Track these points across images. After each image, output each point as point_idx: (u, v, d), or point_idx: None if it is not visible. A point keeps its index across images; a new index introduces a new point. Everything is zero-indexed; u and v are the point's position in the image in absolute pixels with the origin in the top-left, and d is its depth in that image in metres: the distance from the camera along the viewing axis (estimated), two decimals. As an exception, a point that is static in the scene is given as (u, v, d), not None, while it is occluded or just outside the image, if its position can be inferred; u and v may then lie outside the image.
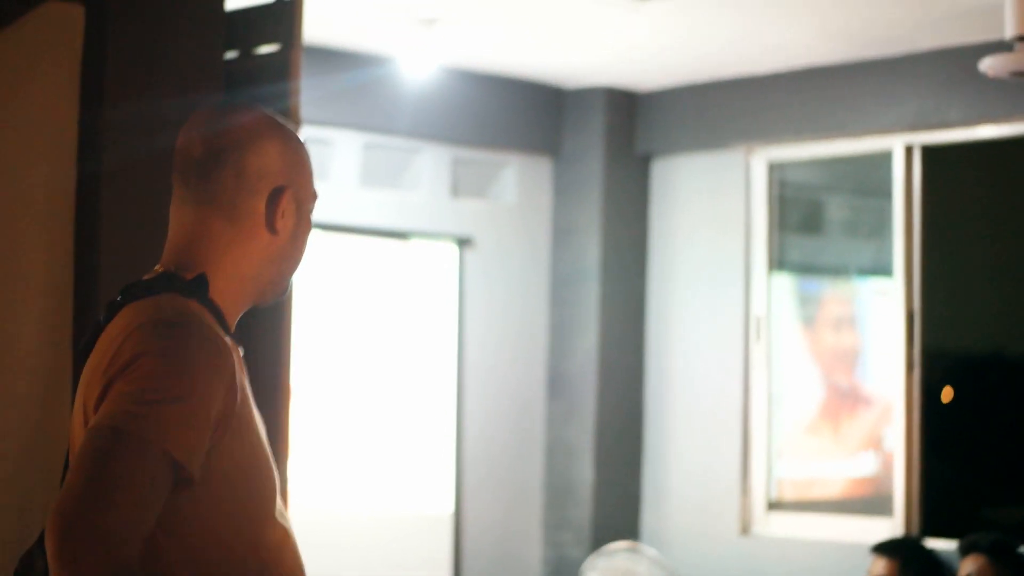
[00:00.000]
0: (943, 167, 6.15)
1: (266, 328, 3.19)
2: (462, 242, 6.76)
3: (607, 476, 6.78)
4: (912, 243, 6.11)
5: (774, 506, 6.52)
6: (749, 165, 6.65)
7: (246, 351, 2.21)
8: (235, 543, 2.07)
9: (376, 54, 6.25)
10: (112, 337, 2.07)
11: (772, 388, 6.58)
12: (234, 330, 2.20)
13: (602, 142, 6.84)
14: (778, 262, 6.65)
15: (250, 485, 2.10)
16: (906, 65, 6.05)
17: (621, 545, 6.40)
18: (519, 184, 6.97)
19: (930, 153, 6.13)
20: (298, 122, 3.59)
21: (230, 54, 3.61)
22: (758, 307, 6.60)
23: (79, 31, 3.19)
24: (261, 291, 2.23)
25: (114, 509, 1.91)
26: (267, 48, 3.64)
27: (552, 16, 5.76)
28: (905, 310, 6.09)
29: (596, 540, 6.63)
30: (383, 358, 6.60)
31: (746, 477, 6.54)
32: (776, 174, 6.64)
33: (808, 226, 6.90)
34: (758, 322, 6.59)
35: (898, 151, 6.15)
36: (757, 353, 6.58)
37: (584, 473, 6.77)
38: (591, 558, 6.36)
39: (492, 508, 6.78)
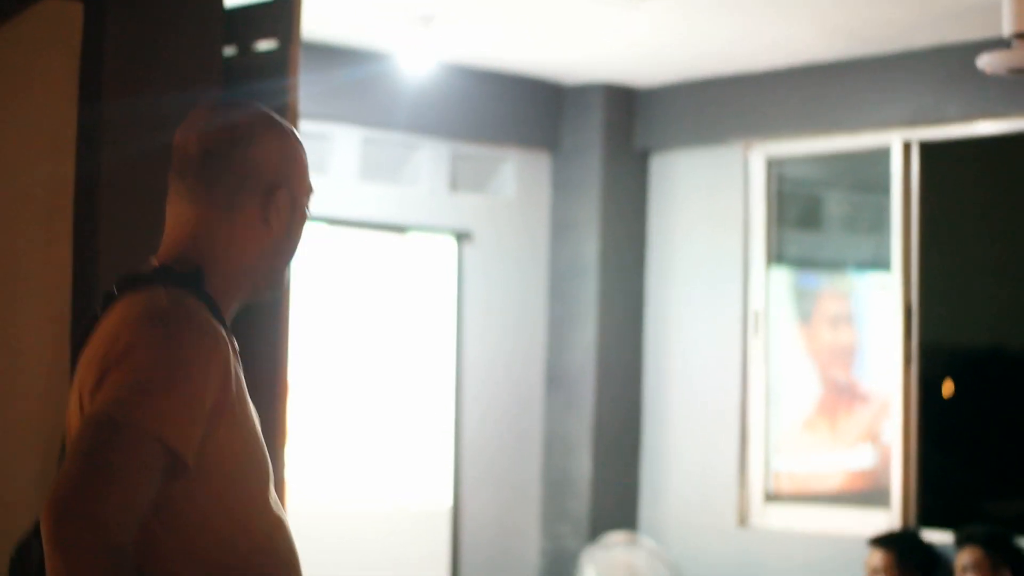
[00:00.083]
0: (941, 163, 6.17)
1: (264, 322, 3.21)
2: (461, 236, 6.78)
3: (605, 469, 6.80)
4: (910, 238, 6.12)
5: (772, 498, 6.54)
6: (748, 161, 6.66)
7: (244, 345, 2.23)
8: (229, 530, 2.10)
9: (375, 50, 6.26)
10: (108, 328, 2.10)
11: (770, 382, 6.60)
12: (231, 324, 2.23)
13: (601, 138, 6.85)
14: (776, 257, 6.67)
15: (244, 474, 2.13)
16: (904, 62, 6.06)
17: (619, 537, 6.43)
18: (518, 179, 6.98)
19: (928, 149, 6.14)
20: (296, 118, 3.61)
21: (229, 51, 3.63)
22: (756, 302, 6.62)
23: (78, 28, 3.21)
24: (256, 286, 2.25)
25: (109, 496, 1.95)
26: (266, 45, 3.65)
27: (551, 13, 5.77)
28: (903, 304, 6.11)
29: (594, 532, 6.65)
30: (382, 352, 6.61)
31: (744, 470, 6.56)
32: (774, 170, 6.66)
33: (806, 222, 6.92)
34: (756, 317, 6.61)
35: (896, 147, 6.17)
36: (755, 347, 6.60)
37: (582, 466, 6.79)
38: (589, 550, 6.38)
39: (491, 501, 6.80)
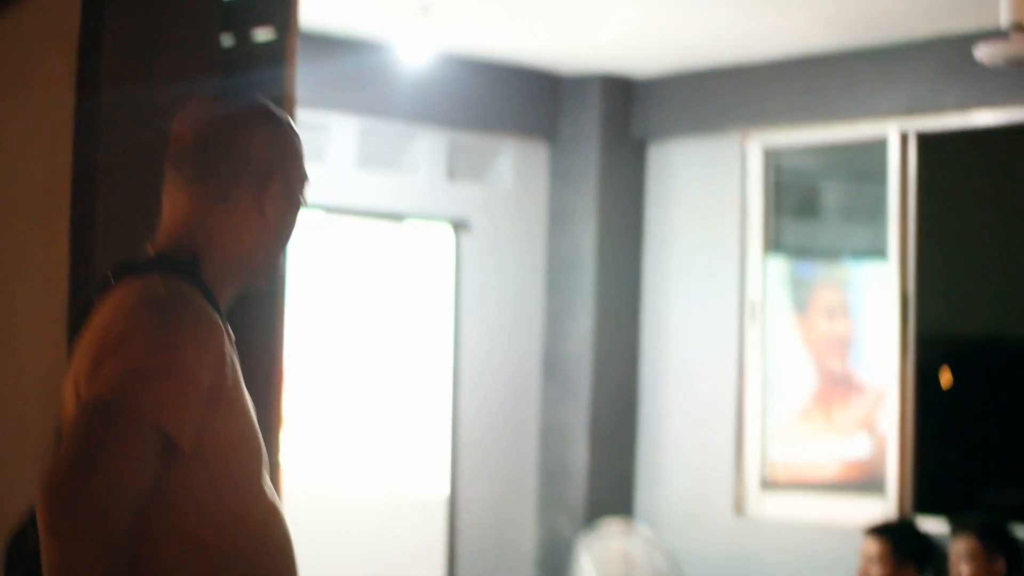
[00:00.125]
0: (938, 153, 6.17)
1: (260, 310, 3.22)
2: (458, 225, 6.79)
3: (602, 457, 6.81)
4: (907, 228, 6.13)
5: (768, 487, 6.56)
6: (745, 151, 6.67)
7: (240, 333, 2.25)
8: (223, 516, 2.12)
9: (373, 40, 6.27)
10: (105, 315, 2.11)
11: (766, 371, 6.61)
12: (226, 312, 2.25)
13: (598, 127, 6.86)
14: (773, 247, 6.68)
15: (239, 460, 2.15)
16: (902, 52, 6.07)
17: (615, 526, 6.45)
18: (515, 169, 6.99)
19: (925, 139, 6.15)
20: (294, 107, 3.62)
21: (226, 40, 3.63)
22: (753, 291, 6.63)
23: (75, 19, 3.21)
24: (251, 274, 2.28)
25: (105, 481, 1.96)
26: (264, 35, 3.66)
27: (549, 3, 5.77)
28: (900, 294, 6.12)
29: (590, 521, 6.66)
30: (379, 340, 6.63)
31: (740, 458, 6.57)
32: (772, 160, 6.66)
33: (804, 211, 6.93)
34: (753, 306, 6.62)
35: (893, 137, 6.17)
36: (752, 336, 6.61)
37: (579, 454, 6.81)
38: (585, 539, 6.40)
39: (487, 490, 6.82)
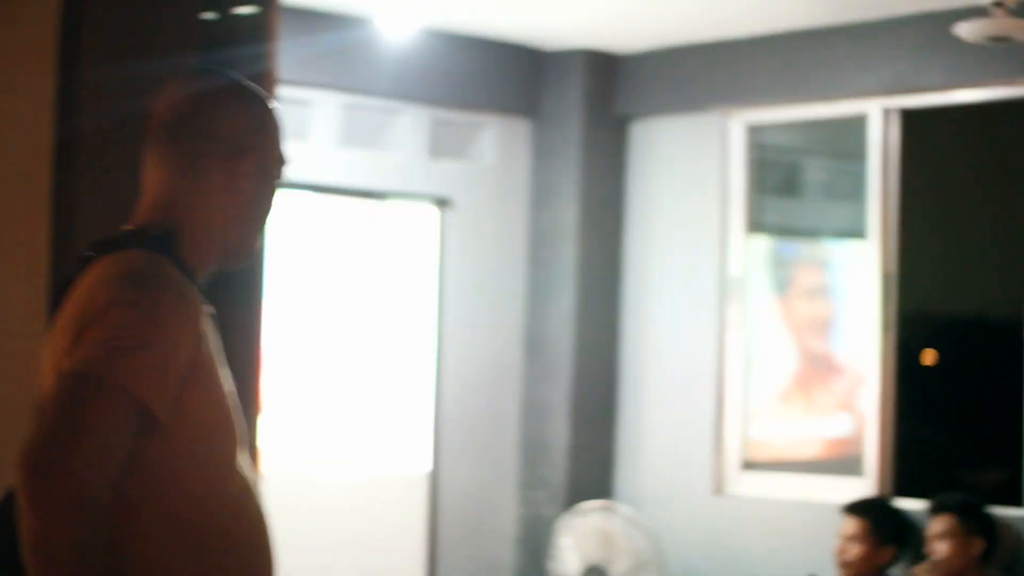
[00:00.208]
0: (920, 130, 6.18)
1: (239, 288, 3.21)
2: (441, 203, 6.78)
3: (582, 436, 6.82)
4: (888, 206, 6.14)
5: (748, 466, 6.58)
6: (727, 128, 6.66)
7: (220, 312, 2.25)
8: (200, 490, 2.13)
9: (355, 15, 6.24)
10: (84, 289, 2.13)
11: (747, 349, 6.63)
12: (205, 289, 2.25)
13: (581, 104, 6.85)
14: (755, 225, 6.68)
15: (215, 435, 2.16)
16: (883, 29, 6.07)
17: (595, 504, 6.46)
18: (498, 145, 6.98)
19: (907, 116, 6.16)
20: (275, 83, 3.60)
21: (208, 15, 3.62)
22: (734, 269, 6.64)
23: (56, -7, 3.20)
24: (226, 251, 2.29)
25: (82, 451, 1.97)
26: (245, 9, 3.64)
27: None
28: (881, 272, 6.13)
29: (571, 499, 6.67)
30: (361, 318, 6.62)
31: (720, 437, 6.59)
32: (754, 137, 6.66)
33: (785, 189, 6.93)
34: (734, 284, 6.63)
35: (875, 114, 6.18)
36: (732, 314, 6.62)
37: (559, 433, 6.81)
38: (565, 517, 6.41)
39: (468, 467, 6.82)
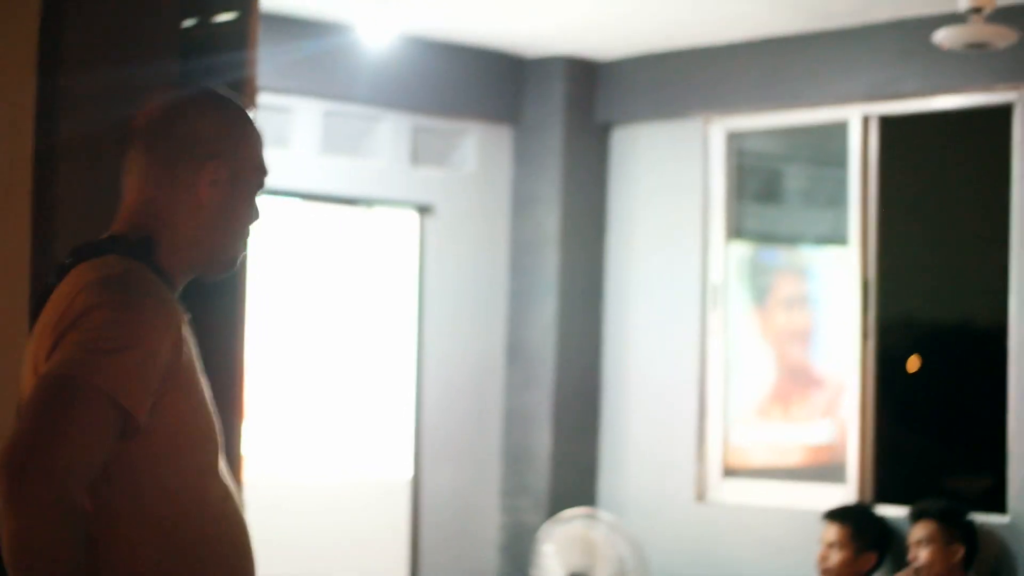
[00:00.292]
0: (899, 137, 6.21)
1: (221, 296, 3.21)
2: (422, 210, 6.78)
3: (565, 443, 6.82)
4: (868, 213, 6.16)
5: (730, 473, 6.58)
6: (707, 134, 6.68)
7: (201, 319, 2.26)
8: (178, 495, 2.14)
9: (336, 22, 6.24)
10: (63, 294, 2.14)
11: (729, 356, 6.64)
12: (183, 296, 2.27)
13: (562, 111, 6.86)
14: (736, 231, 6.70)
15: (194, 440, 2.17)
16: (862, 36, 6.09)
17: (578, 511, 6.45)
18: (479, 152, 6.98)
19: (886, 123, 6.18)
20: (256, 91, 3.60)
21: (187, 22, 3.61)
22: (715, 275, 6.65)
23: (36, 1, 3.19)
24: (203, 260, 2.30)
25: (62, 452, 1.98)
26: (225, 17, 3.64)
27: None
28: (860, 279, 6.15)
29: (553, 506, 6.67)
30: (343, 325, 6.61)
31: (702, 444, 6.59)
32: (734, 143, 6.68)
33: (766, 195, 6.95)
34: (715, 290, 6.64)
35: (854, 121, 6.20)
36: (714, 321, 6.63)
37: (542, 440, 6.81)
38: (548, 524, 6.41)
39: (450, 474, 6.82)
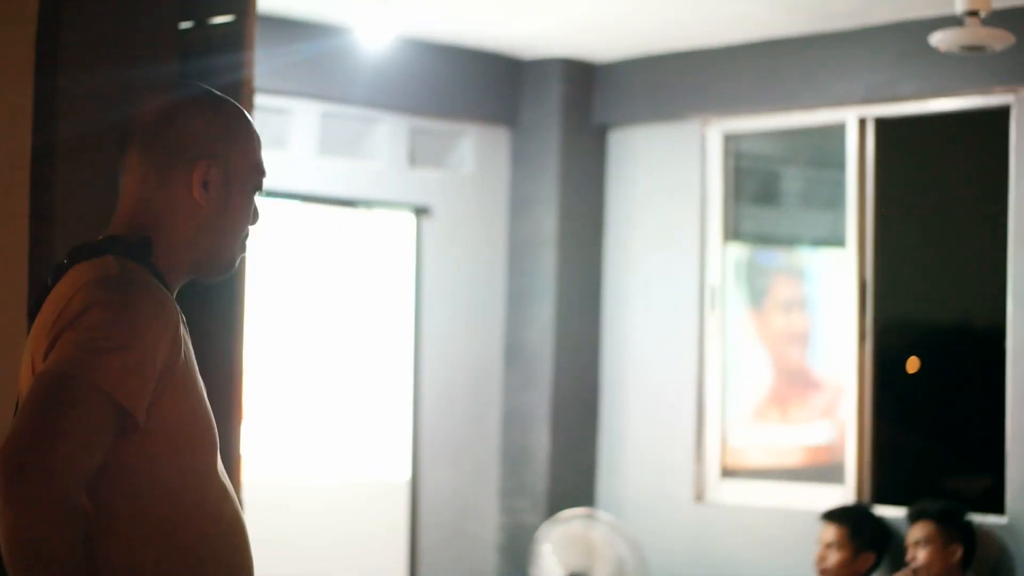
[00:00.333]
0: (896, 139, 6.21)
1: (220, 296, 3.21)
2: (419, 211, 6.78)
3: (563, 443, 6.83)
4: (865, 214, 6.17)
5: (728, 474, 6.59)
6: (705, 136, 6.69)
7: (200, 321, 2.26)
8: (176, 494, 2.15)
9: (333, 24, 6.25)
10: (61, 294, 2.15)
11: (727, 357, 6.64)
12: (179, 298, 2.27)
13: (559, 113, 6.86)
14: (733, 233, 6.70)
15: (192, 439, 2.18)
16: (859, 38, 6.10)
17: (577, 512, 6.46)
18: (476, 154, 6.99)
19: (883, 125, 6.19)
20: (253, 92, 3.61)
21: (185, 24, 3.62)
22: (713, 277, 6.66)
23: (34, 2, 3.20)
24: (200, 262, 2.30)
25: (60, 450, 1.98)
26: (222, 19, 3.65)
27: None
28: (858, 280, 6.16)
29: (552, 507, 6.68)
30: (340, 326, 6.62)
31: (700, 445, 6.60)
32: (731, 145, 6.69)
33: (763, 197, 6.95)
34: (713, 292, 6.65)
35: (852, 123, 6.20)
36: (712, 322, 6.64)
37: (540, 440, 6.82)
38: (547, 525, 6.42)
39: (449, 475, 6.82)
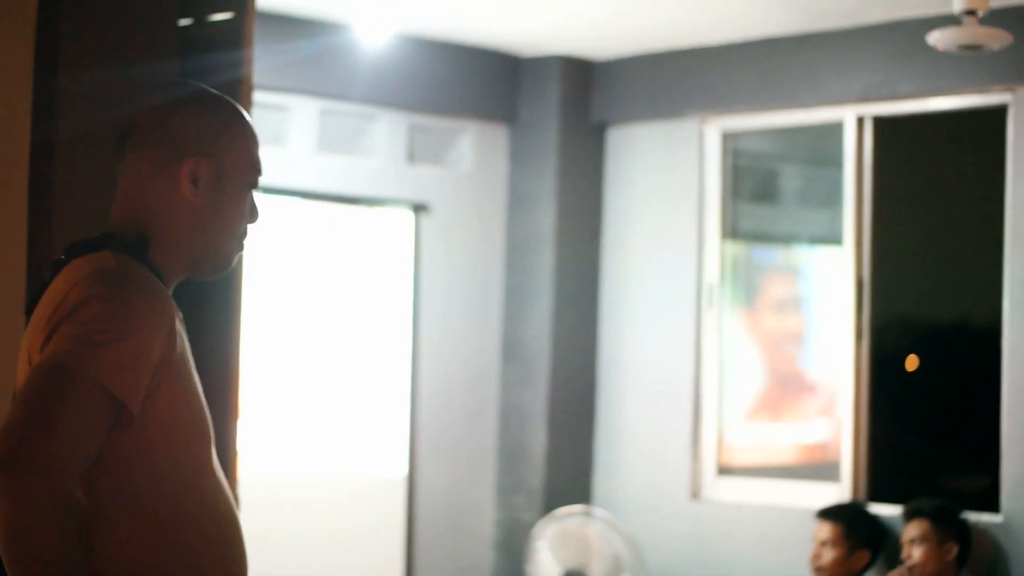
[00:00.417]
0: (894, 138, 6.22)
1: (217, 292, 3.22)
2: (418, 208, 6.79)
3: (560, 441, 6.84)
4: (862, 212, 6.18)
5: (724, 471, 6.60)
6: (703, 134, 6.70)
7: (197, 318, 2.28)
8: (174, 488, 2.16)
9: (332, 21, 6.25)
10: (58, 289, 2.16)
11: (723, 355, 6.65)
12: (175, 295, 2.28)
13: (558, 110, 6.87)
14: (731, 230, 6.71)
15: (188, 433, 2.19)
16: (857, 37, 6.11)
17: (573, 508, 6.47)
18: (475, 151, 7.00)
19: (881, 124, 6.20)
20: (251, 89, 3.62)
21: (184, 21, 3.63)
22: (710, 275, 6.67)
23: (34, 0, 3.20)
24: (196, 259, 2.31)
25: (55, 441, 2.00)
26: (221, 16, 3.66)
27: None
28: (855, 278, 6.17)
29: (548, 504, 6.69)
30: (339, 323, 6.63)
31: (697, 443, 6.61)
32: (729, 143, 6.70)
33: (761, 195, 6.96)
34: (710, 290, 6.66)
35: (849, 122, 6.21)
36: (709, 320, 6.65)
37: (537, 437, 6.83)
38: (543, 521, 6.43)
39: (445, 471, 6.83)
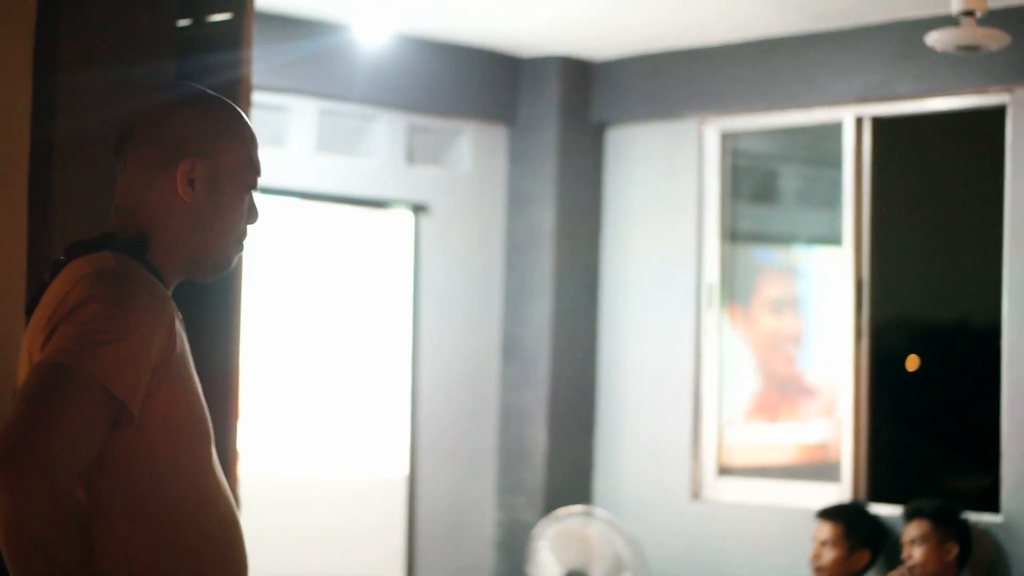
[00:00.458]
0: (893, 138, 6.23)
1: (218, 293, 3.22)
2: (417, 209, 6.80)
3: (560, 441, 6.84)
4: (861, 213, 6.18)
5: (724, 471, 6.61)
6: (702, 135, 6.70)
7: (198, 318, 2.28)
8: (170, 487, 2.16)
9: (331, 21, 6.26)
10: (57, 289, 2.17)
11: (723, 355, 6.66)
12: (174, 295, 2.29)
13: (557, 111, 6.88)
14: (730, 231, 6.72)
15: (187, 432, 2.19)
16: (856, 38, 6.11)
17: (574, 509, 6.48)
18: (474, 152, 7.00)
19: (880, 124, 6.20)
20: (251, 90, 3.62)
21: (183, 22, 3.63)
22: (710, 275, 6.67)
23: (32, 0, 3.20)
24: (195, 260, 2.31)
25: (54, 440, 2.00)
26: (220, 16, 3.66)
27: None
28: (854, 279, 6.17)
29: (549, 504, 6.70)
30: (339, 324, 6.63)
31: (697, 443, 6.61)
32: (729, 144, 6.70)
33: (760, 195, 6.96)
34: (710, 289, 6.66)
35: (848, 122, 6.22)
36: (708, 320, 6.65)
37: (537, 438, 6.83)
38: (544, 521, 6.43)
39: (446, 472, 6.84)
